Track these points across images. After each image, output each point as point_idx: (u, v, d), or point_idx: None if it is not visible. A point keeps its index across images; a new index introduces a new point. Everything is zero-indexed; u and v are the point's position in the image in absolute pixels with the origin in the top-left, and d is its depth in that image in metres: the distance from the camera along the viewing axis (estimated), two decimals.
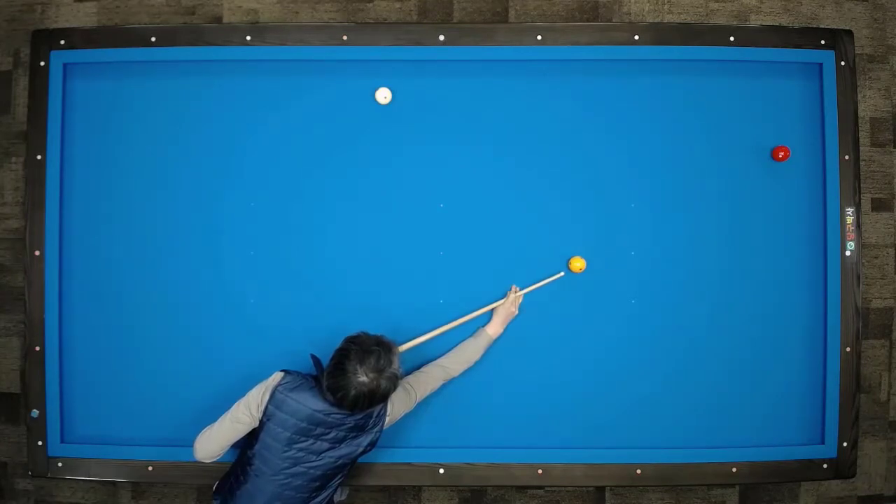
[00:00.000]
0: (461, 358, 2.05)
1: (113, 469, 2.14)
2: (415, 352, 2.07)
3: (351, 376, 1.70)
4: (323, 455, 1.81)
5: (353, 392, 1.70)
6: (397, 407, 1.90)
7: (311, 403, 1.78)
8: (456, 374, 2.04)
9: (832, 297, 2.15)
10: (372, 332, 1.83)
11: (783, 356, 2.17)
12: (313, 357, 1.89)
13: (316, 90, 2.18)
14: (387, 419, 1.87)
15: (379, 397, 1.74)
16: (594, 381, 2.15)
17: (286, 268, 2.16)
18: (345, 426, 1.80)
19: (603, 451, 2.13)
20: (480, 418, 2.14)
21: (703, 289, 2.17)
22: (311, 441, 1.79)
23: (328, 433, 1.79)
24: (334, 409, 1.77)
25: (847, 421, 2.15)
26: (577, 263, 2.12)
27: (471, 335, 2.11)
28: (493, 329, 2.09)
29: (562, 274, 2.13)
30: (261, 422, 1.81)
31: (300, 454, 1.79)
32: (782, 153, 2.14)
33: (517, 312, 2.12)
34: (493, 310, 2.12)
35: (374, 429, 1.85)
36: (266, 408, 1.80)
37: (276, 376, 1.85)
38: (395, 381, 1.76)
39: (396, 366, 1.77)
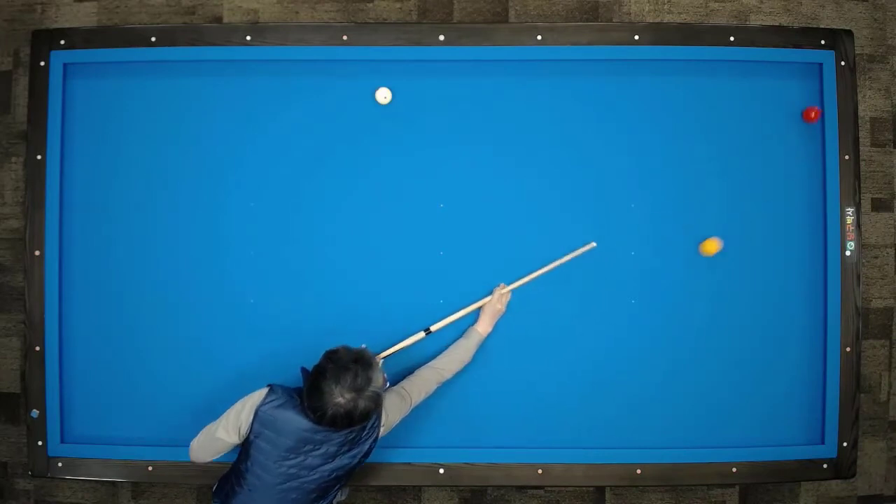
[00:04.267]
0: (454, 358, 2.03)
1: (113, 469, 2.14)
2: (405, 357, 2.07)
3: (327, 397, 1.65)
4: (316, 469, 1.77)
5: (330, 412, 1.66)
6: (392, 415, 1.87)
7: (296, 422, 1.73)
8: (450, 375, 2.02)
9: (832, 297, 2.15)
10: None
11: (783, 356, 2.17)
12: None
13: (316, 90, 2.18)
14: (381, 430, 1.84)
15: (358, 417, 1.69)
16: (594, 381, 2.15)
17: (286, 268, 2.16)
18: (335, 442, 1.76)
19: (603, 451, 2.13)
20: (480, 418, 2.14)
21: (703, 289, 2.16)
22: (301, 458, 1.75)
23: (318, 449, 1.75)
24: (320, 427, 1.72)
25: (847, 421, 2.15)
26: (712, 246, 2.07)
27: (461, 335, 2.10)
28: (483, 327, 2.08)
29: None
30: (248, 439, 1.78)
31: (292, 470, 1.76)
32: (814, 113, 2.11)
33: (504, 310, 2.11)
34: (480, 308, 2.11)
35: (368, 440, 1.82)
36: (251, 427, 1.76)
37: (261, 393, 1.80)
38: (376, 400, 1.71)
39: (378, 383, 1.71)
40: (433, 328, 2.09)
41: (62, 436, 2.14)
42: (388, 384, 1.82)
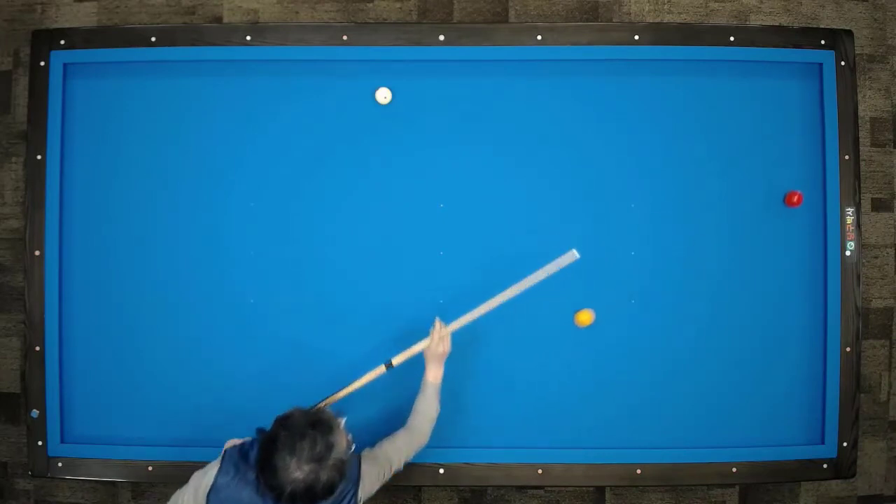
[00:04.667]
0: (423, 419, 1.92)
1: (113, 469, 2.14)
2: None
3: (282, 472, 1.43)
4: None
5: (288, 490, 1.43)
6: (369, 486, 1.70)
7: None
8: (427, 436, 1.92)
9: (832, 297, 2.15)
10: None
11: (783, 356, 2.17)
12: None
13: (316, 90, 2.18)
14: None
15: (321, 491, 1.45)
16: (594, 381, 2.15)
17: (286, 268, 2.16)
18: None
19: (603, 451, 2.13)
20: (480, 418, 2.14)
21: (703, 289, 2.16)
22: None
23: None
24: None
25: (847, 421, 2.15)
26: (584, 317, 2.07)
27: (419, 392, 1.97)
28: (433, 375, 1.94)
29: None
30: None
31: None
32: (796, 198, 2.12)
33: (449, 349, 1.95)
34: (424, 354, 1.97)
35: None
36: None
37: (212, 472, 1.59)
38: (340, 469, 1.48)
39: (342, 448, 1.49)
40: (395, 361, 1.97)
41: (62, 436, 2.14)
42: (353, 447, 1.57)
